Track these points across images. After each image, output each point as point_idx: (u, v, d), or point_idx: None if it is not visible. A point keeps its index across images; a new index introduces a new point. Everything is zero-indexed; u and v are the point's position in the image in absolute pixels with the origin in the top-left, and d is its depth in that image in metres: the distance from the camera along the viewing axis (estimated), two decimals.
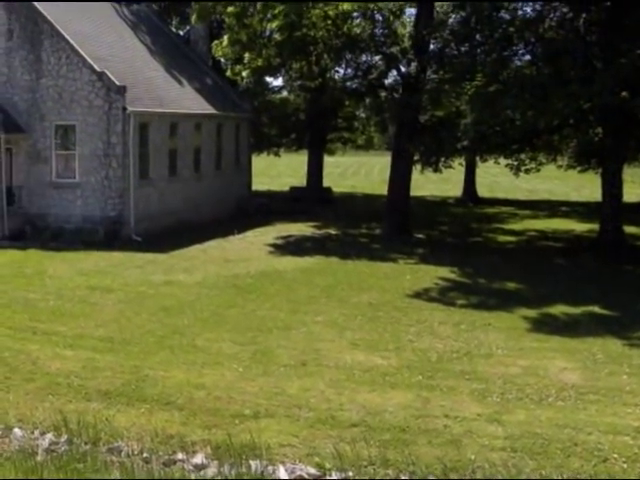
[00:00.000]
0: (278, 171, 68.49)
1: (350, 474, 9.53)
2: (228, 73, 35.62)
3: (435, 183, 55.79)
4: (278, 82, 50.84)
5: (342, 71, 38.84)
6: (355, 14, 31.94)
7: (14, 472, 9.48)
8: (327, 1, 29.86)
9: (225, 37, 31.74)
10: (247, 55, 31.31)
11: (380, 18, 31.92)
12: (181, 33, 47.89)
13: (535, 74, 25.49)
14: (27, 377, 12.79)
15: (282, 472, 9.51)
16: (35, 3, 28.38)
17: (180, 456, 9.93)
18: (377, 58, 34.10)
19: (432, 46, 29.69)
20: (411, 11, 34.22)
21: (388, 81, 34.78)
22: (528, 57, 27.83)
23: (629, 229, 28.67)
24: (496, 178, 61.38)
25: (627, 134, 25.09)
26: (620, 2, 24.71)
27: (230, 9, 29.72)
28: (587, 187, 49.92)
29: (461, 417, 11.27)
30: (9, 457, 9.95)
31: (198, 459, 9.82)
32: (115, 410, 11.41)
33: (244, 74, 32.84)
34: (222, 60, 39.61)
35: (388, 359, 14.10)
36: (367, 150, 70.96)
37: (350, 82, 36.58)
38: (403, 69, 31.38)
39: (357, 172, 77.50)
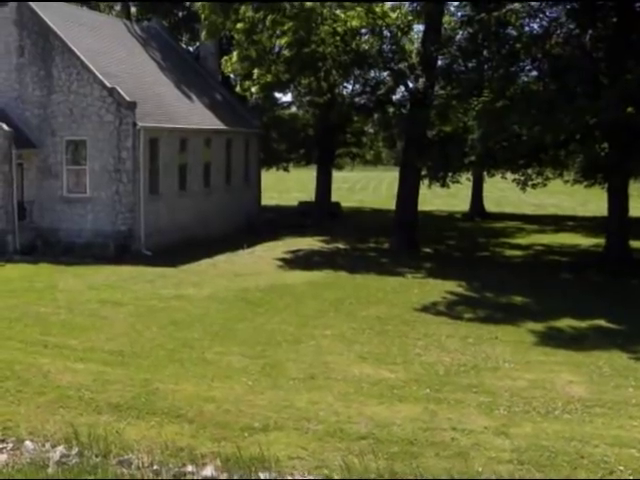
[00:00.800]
0: (287, 186, 68.61)
1: None
2: (237, 89, 35.94)
3: (442, 198, 55.82)
4: (287, 98, 51.21)
5: (350, 87, 39.26)
6: (363, 30, 32.22)
7: None
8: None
9: (234, 53, 32.01)
10: (256, 71, 31.57)
11: (388, 34, 32.08)
12: (191, 49, 48.25)
13: (542, 90, 25.60)
14: (38, 390, 12.88)
15: None
16: (46, 20, 28.68)
17: (190, 468, 10.02)
18: (385, 74, 34.32)
19: (440, 62, 29.83)
20: (419, 27, 34.46)
21: (396, 97, 35.00)
22: (535, 73, 27.94)
23: (635, 244, 28.65)
24: (503, 193, 61.37)
25: (633, 149, 25.15)
26: (626, 18, 24.88)
27: (239, 25, 29.96)
28: (593, 202, 49.88)
29: (468, 430, 11.34)
30: (20, 469, 10.07)
31: (208, 471, 9.92)
32: (125, 423, 11.52)
33: (253, 90, 33.07)
34: (231, 76, 40.00)
35: (396, 372, 14.18)
36: (375, 165, 71.14)
37: (358, 98, 36.84)
38: (411, 85, 31.53)
39: (365, 187, 77.62)
